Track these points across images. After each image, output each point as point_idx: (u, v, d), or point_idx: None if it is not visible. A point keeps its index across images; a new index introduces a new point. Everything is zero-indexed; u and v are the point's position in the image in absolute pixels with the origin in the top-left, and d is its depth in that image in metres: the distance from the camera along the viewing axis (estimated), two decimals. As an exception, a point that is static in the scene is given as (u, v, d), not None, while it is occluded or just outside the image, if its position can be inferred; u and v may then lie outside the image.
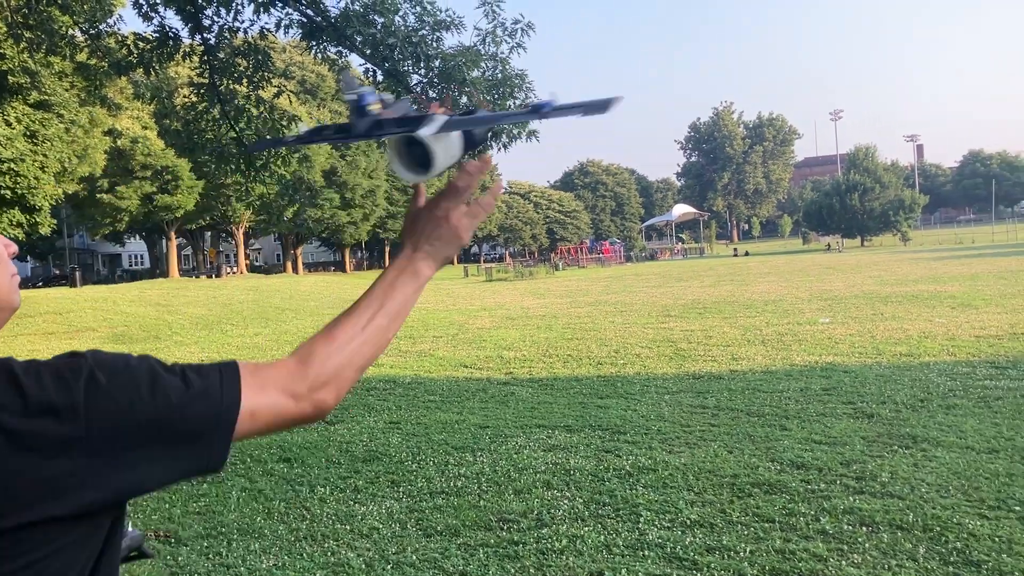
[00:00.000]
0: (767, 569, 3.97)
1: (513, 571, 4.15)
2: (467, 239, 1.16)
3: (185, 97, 10.13)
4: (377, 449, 6.82)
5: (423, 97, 7.51)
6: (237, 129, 8.87)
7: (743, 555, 4.14)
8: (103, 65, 9.66)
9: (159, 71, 8.99)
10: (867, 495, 4.95)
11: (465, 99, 7.66)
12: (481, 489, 5.52)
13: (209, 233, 61.22)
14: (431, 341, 14.58)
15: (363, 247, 76.25)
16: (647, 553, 4.25)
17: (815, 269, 33.01)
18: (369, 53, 7.91)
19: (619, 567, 4.08)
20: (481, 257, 79.51)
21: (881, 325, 13.05)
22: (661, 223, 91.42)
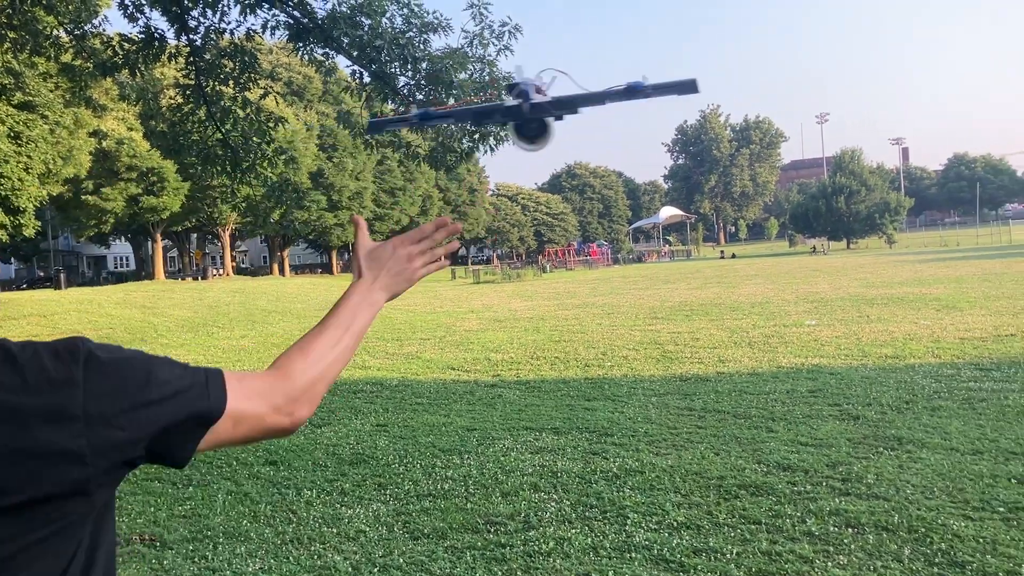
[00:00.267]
0: (754, 571, 3.98)
1: (500, 574, 4.14)
2: (415, 283, 1.28)
3: (171, 98, 10.08)
4: (364, 452, 6.80)
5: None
6: (223, 131, 8.83)
7: (730, 557, 4.16)
8: (88, 66, 9.61)
9: (145, 72, 8.94)
10: (853, 497, 4.97)
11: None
12: (468, 492, 5.51)
13: (195, 235, 60.85)
14: (418, 343, 14.55)
15: (350, 249, 76.00)
16: (634, 555, 4.25)
17: (801, 271, 33.19)
18: (356, 55, 7.90)
19: (606, 569, 4.09)
20: (469, 259, 79.37)
21: (867, 327, 13.13)
22: (648, 225, 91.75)
